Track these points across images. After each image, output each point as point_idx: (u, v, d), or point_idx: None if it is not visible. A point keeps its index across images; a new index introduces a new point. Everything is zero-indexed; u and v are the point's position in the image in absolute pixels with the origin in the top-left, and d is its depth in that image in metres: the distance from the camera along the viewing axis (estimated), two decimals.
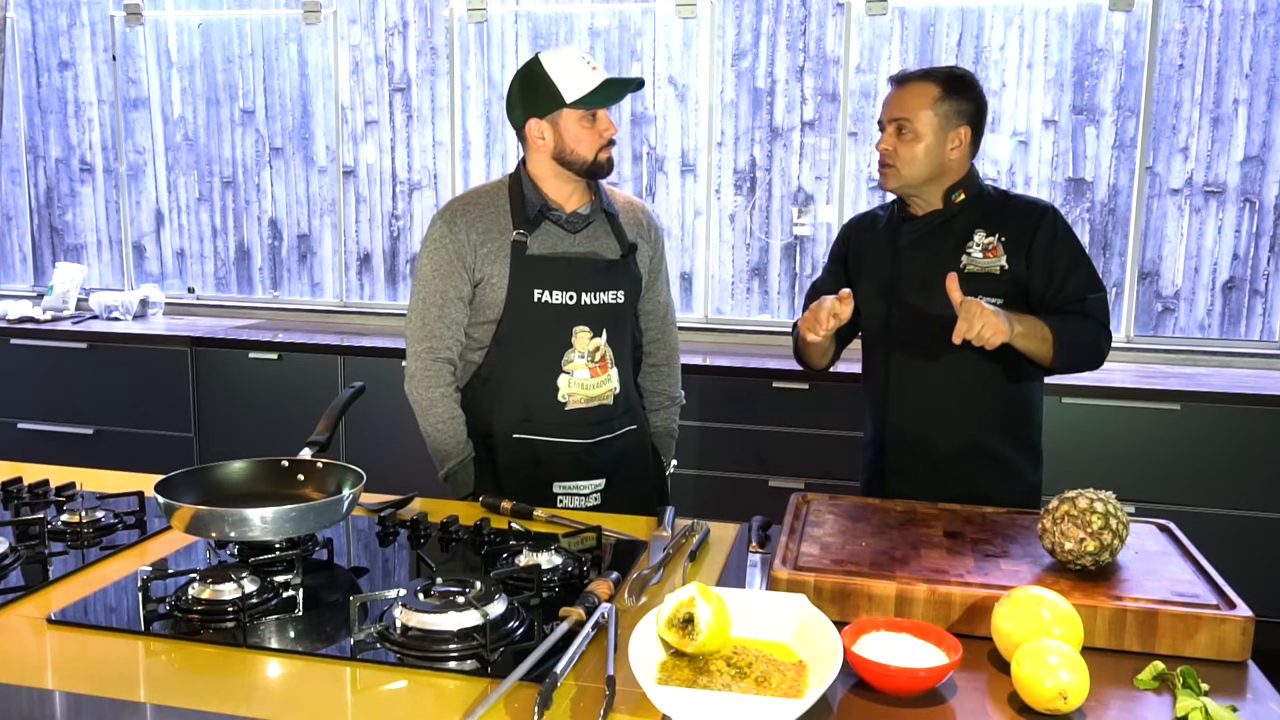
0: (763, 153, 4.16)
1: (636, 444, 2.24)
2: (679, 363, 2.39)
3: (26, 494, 1.93)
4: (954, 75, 2.08)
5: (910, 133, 2.04)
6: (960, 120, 2.06)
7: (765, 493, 3.63)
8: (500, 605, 1.40)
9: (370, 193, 4.57)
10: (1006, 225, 2.08)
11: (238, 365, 4.09)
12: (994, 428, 2.11)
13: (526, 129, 2.10)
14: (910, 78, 2.09)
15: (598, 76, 2.06)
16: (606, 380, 2.15)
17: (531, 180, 2.14)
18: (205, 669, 1.32)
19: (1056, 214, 2.10)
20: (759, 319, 4.24)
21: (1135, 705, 1.25)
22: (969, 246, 2.08)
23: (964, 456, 2.09)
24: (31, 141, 4.91)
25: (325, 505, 1.62)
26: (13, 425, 4.33)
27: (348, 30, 4.48)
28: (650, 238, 2.27)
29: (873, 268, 2.20)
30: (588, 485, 2.15)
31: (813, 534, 1.65)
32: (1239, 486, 3.36)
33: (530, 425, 2.12)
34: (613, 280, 2.15)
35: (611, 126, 2.10)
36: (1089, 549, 1.48)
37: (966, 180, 2.11)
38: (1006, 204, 2.12)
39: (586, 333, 2.12)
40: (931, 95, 2.04)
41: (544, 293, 2.09)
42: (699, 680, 1.22)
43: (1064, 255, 2.07)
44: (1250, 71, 3.74)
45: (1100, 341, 2.07)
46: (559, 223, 2.13)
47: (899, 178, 2.08)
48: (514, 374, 2.12)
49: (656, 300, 2.32)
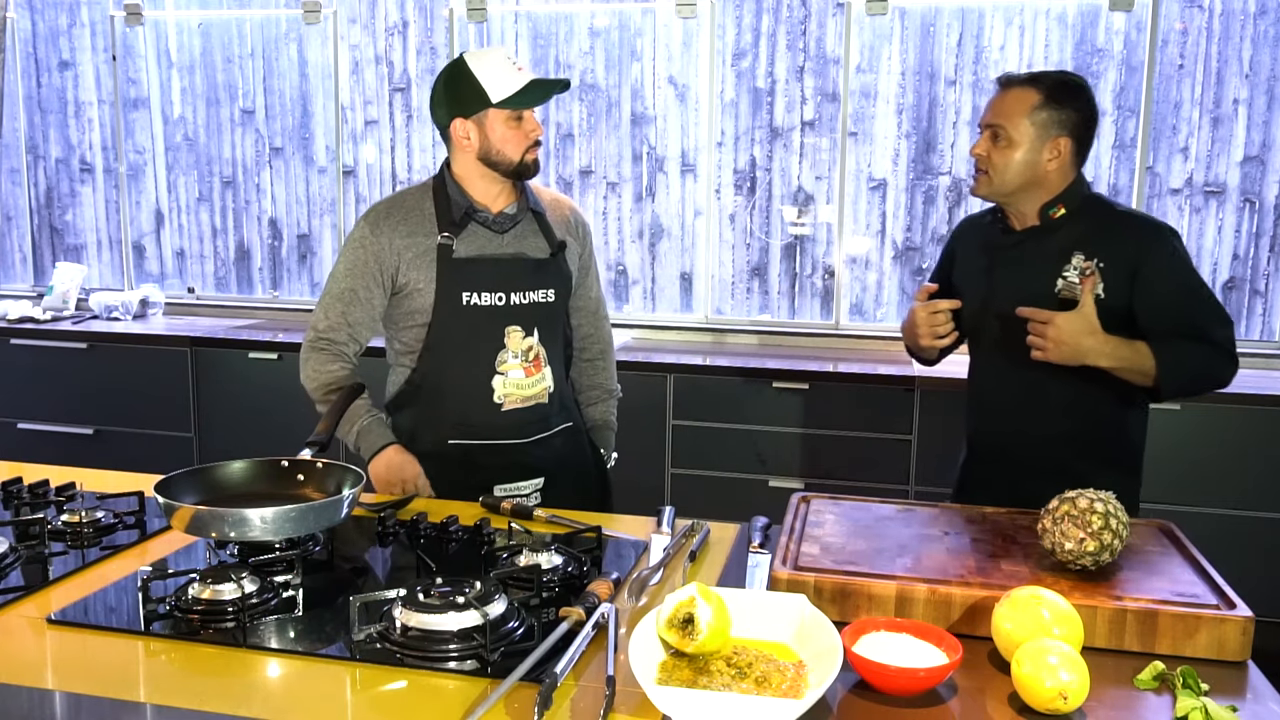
0: (763, 153, 4.16)
1: (573, 440, 2.25)
2: (613, 356, 2.41)
3: (26, 494, 1.93)
4: (1060, 82, 1.99)
5: (1005, 140, 1.97)
6: (1061, 131, 1.97)
7: (765, 493, 3.63)
8: (500, 605, 1.40)
9: (370, 193, 4.57)
10: (1110, 248, 1.96)
11: (237, 365, 4.09)
12: (1078, 448, 2.03)
13: (451, 129, 2.08)
14: (1013, 82, 2.01)
15: (524, 77, 2.04)
16: (541, 379, 2.15)
17: (456, 182, 2.12)
18: (205, 669, 1.32)
19: (1170, 237, 1.97)
20: (759, 319, 4.24)
21: (1135, 705, 1.24)
22: (1065, 269, 1.97)
23: (1044, 475, 1.85)
24: (31, 141, 4.91)
25: (325, 505, 1.62)
26: (13, 425, 4.33)
27: (348, 30, 4.48)
28: (578, 235, 2.26)
29: (969, 275, 2.16)
30: (528, 485, 2.15)
31: (813, 534, 1.65)
32: (1239, 486, 3.36)
33: (466, 429, 2.11)
34: (542, 279, 2.14)
35: (538, 128, 2.08)
36: (1089, 549, 1.47)
37: (1067, 194, 2.01)
38: (1115, 223, 2.00)
39: (519, 332, 2.11)
40: (1031, 102, 1.96)
41: (473, 295, 2.07)
42: (699, 680, 1.22)
43: (1176, 286, 1.94)
44: (1250, 71, 3.74)
45: (1214, 368, 1.94)
46: (486, 224, 2.11)
47: (989, 186, 2.02)
48: (447, 379, 2.10)
49: (588, 296, 2.32)
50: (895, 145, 4.04)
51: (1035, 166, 1.98)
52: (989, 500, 1.94)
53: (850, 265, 4.14)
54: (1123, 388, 1.95)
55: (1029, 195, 2.02)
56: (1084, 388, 1.98)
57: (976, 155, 2.03)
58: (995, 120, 2.00)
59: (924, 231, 4.06)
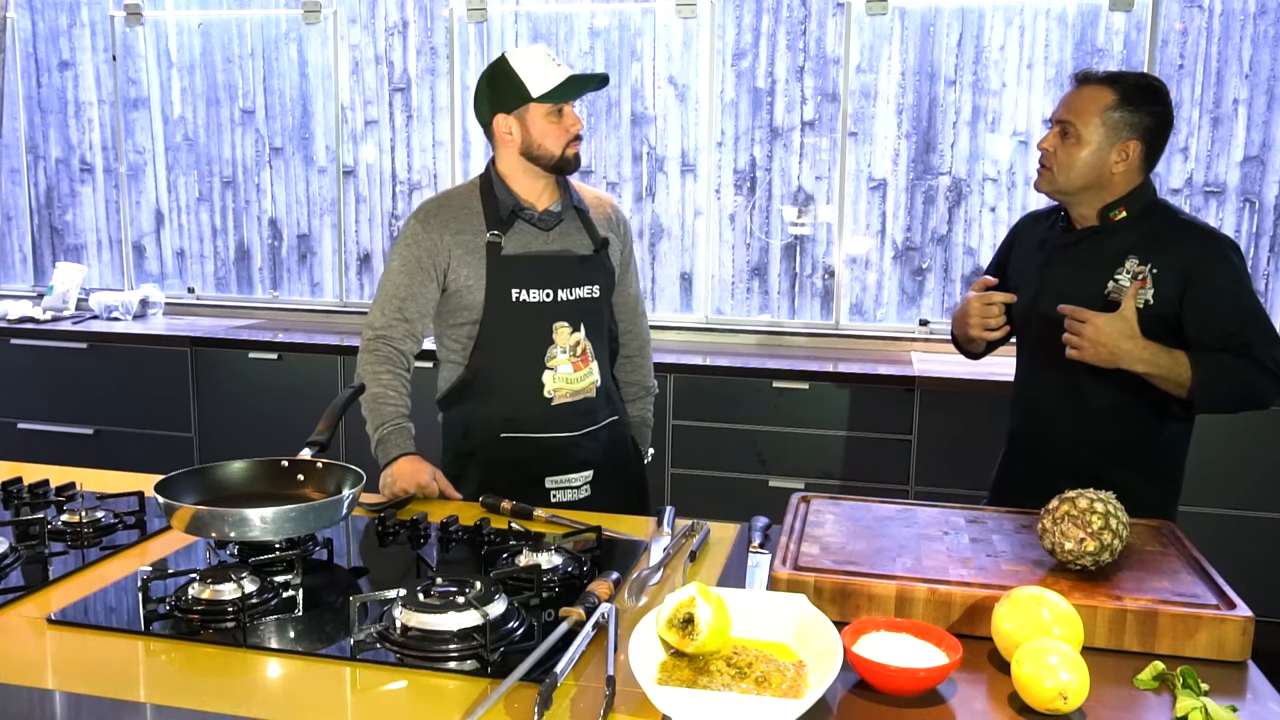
0: (763, 153, 4.16)
1: (619, 434, 2.29)
2: (650, 353, 2.46)
3: (26, 494, 1.93)
4: (1138, 85, 1.96)
5: (1073, 137, 1.95)
6: (1132, 134, 1.94)
7: (765, 493, 3.63)
8: (500, 605, 1.40)
9: (370, 193, 4.57)
10: (1166, 255, 1.93)
11: (238, 365, 4.09)
12: (1112, 454, 2.00)
13: (494, 125, 2.13)
14: (1090, 79, 1.98)
15: (563, 73, 2.10)
16: (589, 373, 2.18)
17: (501, 179, 2.16)
18: (205, 669, 1.32)
19: (1229, 250, 1.94)
20: (759, 319, 4.24)
21: (1135, 705, 1.24)
22: (1118, 272, 1.96)
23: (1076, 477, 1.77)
24: (31, 141, 4.91)
25: (325, 505, 1.62)
26: (13, 425, 4.33)
27: (348, 30, 4.48)
28: (619, 232, 2.31)
29: (1023, 271, 2.14)
30: (578, 477, 2.18)
31: (813, 534, 1.65)
32: (1239, 486, 3.36)
33: (518, 424, 2.14)
34: (588, 275, 2.18)
35: (578, 122, 2.13)
36: (1089, 549, 1.47)
37: (1130, 198, 1.98)
38: (1175, 231, 1.97)
39: (566, 328, 2.14)
40: (1104, 102, 1.94)
41: (522, 292, 2.11)
42: (699, 680, 1.22)
43: (1227, 300, 1.92)
44: (1250, 71, 3.74)
45: (1254, 385, 1.91)
46: (532, 221, 2.15)
47: (1053, 182, 2.00)
48: (499, 374, 2.14)
49: (627, 293, 2.36)
50: (895, 145, 4.04)
51: (1101, 167, 1.96)
52: (1022, 501, 1.88)
53: (850, 265, 4.14)
54: (1161, 397, 1.93)
55: (1092, 195, 1.99)
56: (1122, 395, 1.96)
57: (1043, 149, 2.01)
58: (1066, 116, 1.97)
59: (924, 231, 4.06)
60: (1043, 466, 2.08)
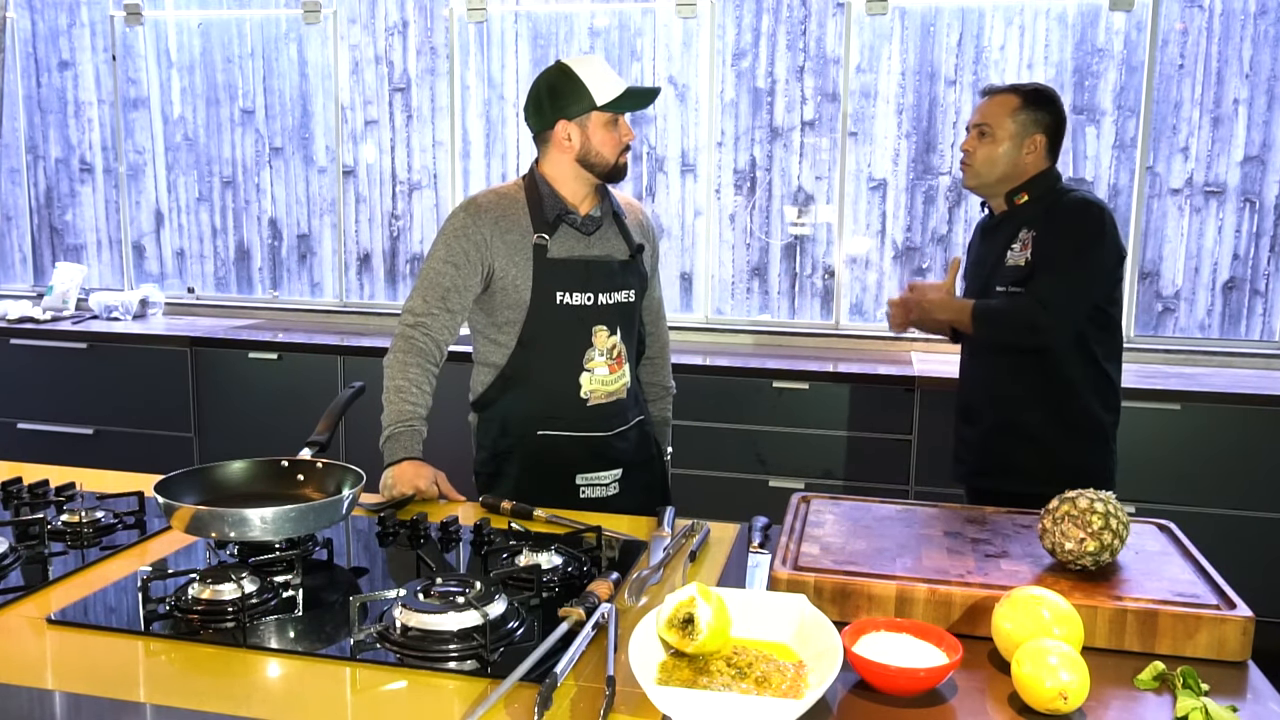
0: (763, 153, 4.16)
1: (645, 433, 2.32)
2: (669, 355, 2.51)
3: (26, 494, 1.93)
4: (1036, 90, 2.35)
5: (990, 136, 2.32)
6: (1036, 129, 2.32)
7: (765, 493, 3.63)
8: (500, 605, 1.40)
9: (370, 193, 4.57)
10: (1048, 221, 2.27)
11: (237, 365, 4.09)
12: (1027, 406, 2.32)
13: (555, 130, 2.14)
14: (997, 90, 2.37)
15: (622, 84, 2.14)
16: (622, 375, 2.22)
17: (549, 183, 2.18)
18: (205, 669, 1.32)
19: (1079, 213, 2.26)
20: (759, 319, 4.24)
21: (1135, 705, 1.24)
22: (1014, 243, 2.31)
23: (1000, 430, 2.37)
24: (31, 141, 4.92)
25: (325, 505, 1.62)
26: (13, 425, 4.33)
27: (347, 30, 4.48)
28: (650, 238, 2.35)
29: (967, 256, 2.55)
30: (608, 475, 2.22)
31: (813, 534, 1.65)
32: (1239, 486, 3.36)
33: (554, 422, 2.17)
34: (625, 280, 2.22)
35: (630, 132, 2.18)
36: (1089, 549, 1.47)
37: (1032, 184, 2.34)
38: (1056, 202, 2.30)
39: (604, 331, 2.18)
40: (1012, 105, 2.32)
41: (565, 294, 2.14)
42: (699, 680, 1.22)
43: (1045, 249, 2.25)
44: (1250, 71, 3.74)
45: (1022, 313, 2.23)
46: (575, 225, 2.18)
47: (976, 176, 2.36)
48: (538, 374, 2.16)
49: (652, 297, 2.40)
50: (895, 145, 4.04)
51: (1015, 159, 2.33)
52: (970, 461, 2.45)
53: (850, 265, 4.14)
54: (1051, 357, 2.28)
55: (1004, 186, 2.36)
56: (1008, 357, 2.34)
57: (965, 150, 2.37)
58: (984, 120, 2.35)
59: (924, 231, 4.06)
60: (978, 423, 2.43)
